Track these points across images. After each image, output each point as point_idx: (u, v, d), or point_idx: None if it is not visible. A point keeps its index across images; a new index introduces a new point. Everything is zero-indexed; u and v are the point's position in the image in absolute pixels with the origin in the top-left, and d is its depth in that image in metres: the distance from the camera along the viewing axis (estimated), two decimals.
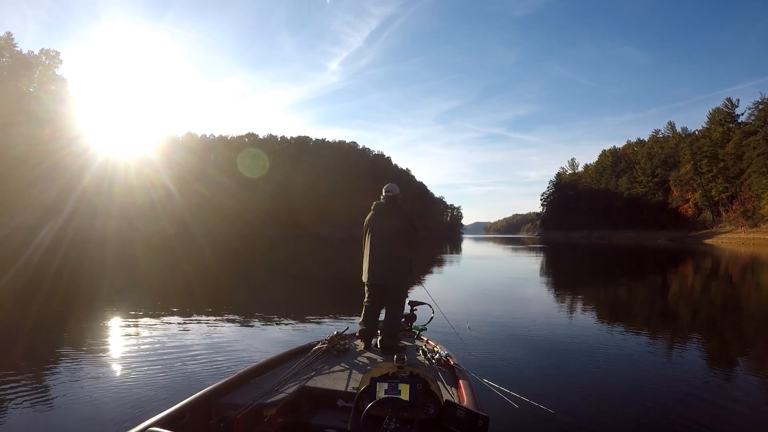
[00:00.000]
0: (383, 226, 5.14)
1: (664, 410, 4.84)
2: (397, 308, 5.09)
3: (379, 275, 5.05)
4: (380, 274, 5.05)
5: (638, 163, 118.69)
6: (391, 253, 5.06)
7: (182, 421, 2.93)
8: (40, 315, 9.48)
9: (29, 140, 59.84)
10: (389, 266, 5.04)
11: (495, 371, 5.71)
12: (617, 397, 5.23)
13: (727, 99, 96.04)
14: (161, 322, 8.89)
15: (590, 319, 10.29)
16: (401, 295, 5.16)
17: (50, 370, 5.99)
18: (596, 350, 7.32)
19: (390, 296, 5.08)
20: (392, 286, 5.06)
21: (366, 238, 5.22)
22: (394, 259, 5.06)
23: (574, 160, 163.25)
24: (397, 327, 4.99)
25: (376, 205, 5.27)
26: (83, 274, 17.49)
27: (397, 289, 5.09)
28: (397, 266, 5.05)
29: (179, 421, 2.90)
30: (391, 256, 5.06)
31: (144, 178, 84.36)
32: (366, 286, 5.18)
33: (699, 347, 7.99)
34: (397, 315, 5.08)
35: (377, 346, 4.94)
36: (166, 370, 5.90)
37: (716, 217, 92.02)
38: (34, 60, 74.34)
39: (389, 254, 5.07)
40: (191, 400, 3.13)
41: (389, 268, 5.04)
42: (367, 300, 5.15)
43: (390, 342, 4.82)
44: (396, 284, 5.06)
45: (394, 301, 5.08)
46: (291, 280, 17.17)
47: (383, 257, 5.06)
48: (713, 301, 14.02)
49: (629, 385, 5.65)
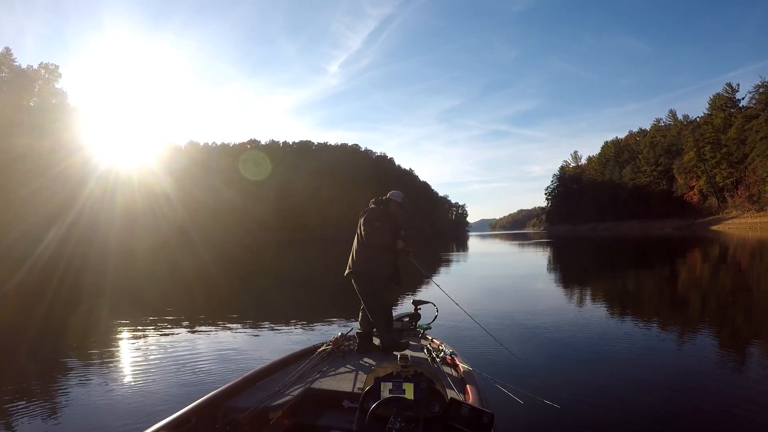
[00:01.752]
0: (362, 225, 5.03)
1: (673, 403, 4.77)
2: (370, 302, 4.90)
3: (349, 266, 5.02)
4: (351, 264, 5.01)
5: (641, 153, 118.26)
6: (363, 243, 4.95)
7: (188, 425, 2.94)
8: (44, 322, 9.63)
9: (31, 152, 60.17)
10: (358, 255, 4.96)
11: (500, 368, 5.68)
12: (624, 392, 5.15)
13: (728, 84, 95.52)
14: (166, 327, 8.97)
15: (597, 313, 10.20)
16: (371, 286, 4.91)
17: (56, 376, 6.10)
18: (603, 345, 7.25)
19: (360, 288, 4.95)
20: (360, 275, 4.92)
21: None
22: (366, 248, 4.94)
23: (577, 152, 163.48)
24: (380, 324, 4.85)
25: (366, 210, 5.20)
26: (86, 282, 17.65)
27: (365, 279, 4.91)
28: (368, 256, 4.92)
29: (185, 425, 2.92)
30: (362, 246, 4.96)
31: (146, 187, 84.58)
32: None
33: (710, 337, 7.86)
34: (373, 310, 4.87)
35: (381, 345, 4.94)
36: (172, 374, 5.99)
37: (722, 203, 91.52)
38: (33, 74, 74.81)
39: (361, 244, 4.98)
40: (197, 404, 3.15)
41: (358, 256, 4.95)
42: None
43: (383, 342, 4.79)
44: (364, 272, 4.91)
45: (365, 294, 4.91)
46: (295, 283, 17.19)
47: (356, 249, 5.02)
48: (722, 289, 13.92)
49: (637, 379, 5.56)
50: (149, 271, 24.39)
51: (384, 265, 5.01)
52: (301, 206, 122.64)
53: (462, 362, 4.18)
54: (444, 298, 5.49)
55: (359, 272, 4.92)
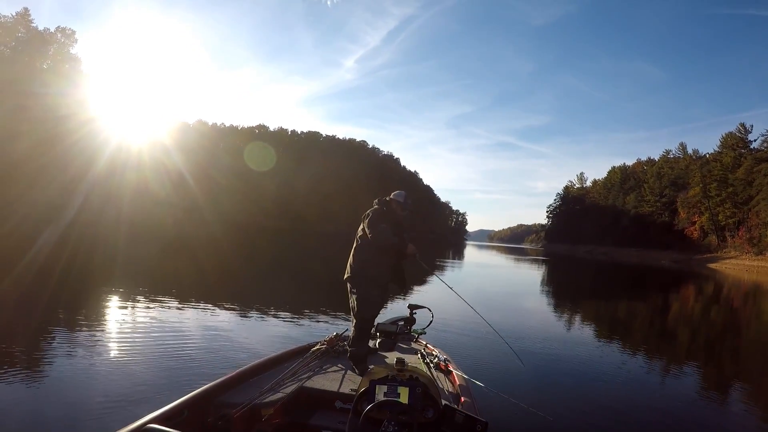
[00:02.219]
0: (364, 230, 4.78)
1: (658, 425, 4.89)
2: (364, 308, 4.61)
3: (348, 269, 4.77)
4: (350, 268, 4.76)
5: (647, 182, 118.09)
6: (357, 247, 4.74)
7: (180, 419, 2.93)
8: (48, 297, 9.54)
9: (44, 121, 59.99)
10: (359, 259, 4.70)
11: (494, 377, 5.77)
12: (612, 407, 5.29)
13: (741, 124, 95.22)
14: (161, 316, 8.83)
15: (589, 332, 10.33)
16: (370, 291, 4.63)
17: (46, 363, 5.86)
18: (593, 363, 7.38)
19: (358, 293, 4.65)
20: (360, 279, 4.67)
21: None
22: (367, 251, 4.67)
23: (582, 174, 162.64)
24: (362, 332, 4.62)
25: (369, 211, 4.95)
26: (92, 257, 17.60)
27: (365, 283, 4.64)
28: (370, 260, 4.66)
29: (177, 418, 2.91)
30: (364, 249, 4.70)
31: (157, 162, 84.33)
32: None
33: (695, 369, 8.06)
34: (363, 317, 4.61)
35: (376, 347, 4.98)
36: (165, 366, 5.88)
37: (721, 242, 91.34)
38: (49, 37, 74.23)
39: (356, 249, 4.76)
40: (189, 397, 3.14)
41: (359, 260, 4.70)
42: None
43: (353, 352, 4.48)
44: (364, 277, 4.65)
45: (361, 300, 4.61)
46: (292, 277, 17.22)
47: (357, 252, 4.76)
48: (712, 326, 14.01)
49: (624, 397, 5.72)
50: (154, 249, 24.35)
51: (386, 269, 4.77)
52: (302, 197, 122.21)
53: (456, 369, 4.23)
54: (441, 301, 5.54)
55: (359, 276, 4.66)
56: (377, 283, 4.70)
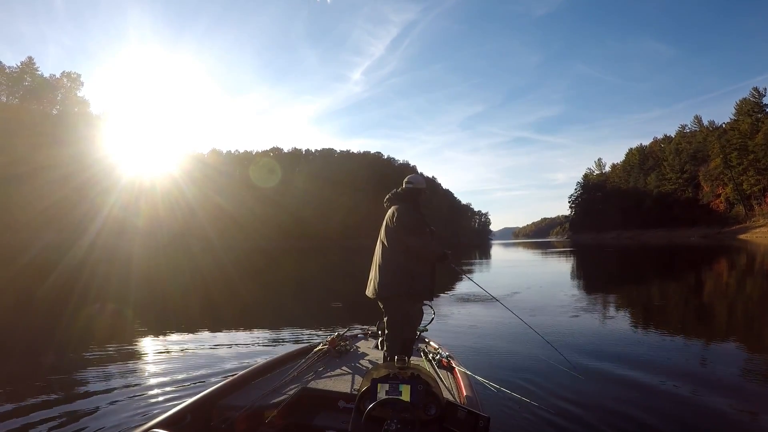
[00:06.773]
0: (386, 229, 4.34)
1: (669, 416, 4.68)
2: (406, 328, 4.24)
3: (375, 285, 4.27)
4: (377, 282, 4.25)
5: (666, 160, 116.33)
6: (389, 258, 4.23)
7: (183, 423, 2.98)
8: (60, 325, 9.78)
9: (55, 162, 61.54)
10: (389, 271, 4.20)
11: (496, 372, 5.72)
12: (620, 400, 5.05)
13: (754, 88, 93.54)
14: (164, 325, 9.09)
15: (595, 322, 9.90)
16: (409, 309, 4.24)
17: (52, 372, 6.13)
18: (599, 354, 7.06)
19: (392, 311, 4.25)
20: (394, 296, 4.21)
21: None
22: (397, 261, 4.17)
23: (600, 160, 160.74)
24: (406, 347, 4.32)
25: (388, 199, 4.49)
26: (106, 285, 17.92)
27: (401, 300, 4.20)
28: (405, 271, 4.13)
29: (180, 423, 2.96)
30: (388, 262, 4.22)
31: (169, 196, 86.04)
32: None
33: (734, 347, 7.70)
34: (407, 336, 4.30)
35: (377, 346, 4.97)
36: (167, 371, 6.03)
37: (749, 211, 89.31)
38: (56, 83, 76.83)
39: (386, 259, 4.25)
40: (192, 401, 3.20)
41: (389, 272, 4.20)
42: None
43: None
44: (399, 293, 4.18)
45: (399, 320, 4.22)
46: (313, 290, 17.24)
47: (379, 264, 4.30)
48: (749, 299, 13.59)
49: (633, 389, 5.45)
50: (166, 276, 24.69)
51: (424, 281, 4.24)
52: (323, 215, 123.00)
53: (458, 365, 4.23)
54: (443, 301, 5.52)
55: (393, 293, 4.17)
56: (417, 298, 4.32)
